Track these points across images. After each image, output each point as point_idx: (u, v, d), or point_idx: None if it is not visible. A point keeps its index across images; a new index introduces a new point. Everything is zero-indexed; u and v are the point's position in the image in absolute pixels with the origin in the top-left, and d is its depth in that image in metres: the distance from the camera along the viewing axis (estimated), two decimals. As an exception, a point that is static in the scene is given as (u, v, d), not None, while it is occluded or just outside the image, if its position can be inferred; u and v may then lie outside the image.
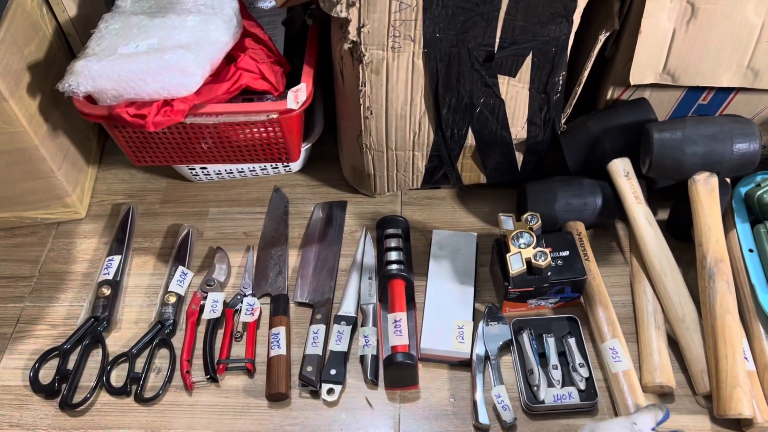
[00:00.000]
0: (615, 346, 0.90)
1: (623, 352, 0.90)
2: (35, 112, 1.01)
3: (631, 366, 0.88)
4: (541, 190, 1.03)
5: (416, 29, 0.88)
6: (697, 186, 0.94)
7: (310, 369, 0.91)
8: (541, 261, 0.89)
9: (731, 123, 0.93)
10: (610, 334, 0.91)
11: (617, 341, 0.90)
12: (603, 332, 0.92)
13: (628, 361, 0.89)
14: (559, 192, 1.02)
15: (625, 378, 0.87)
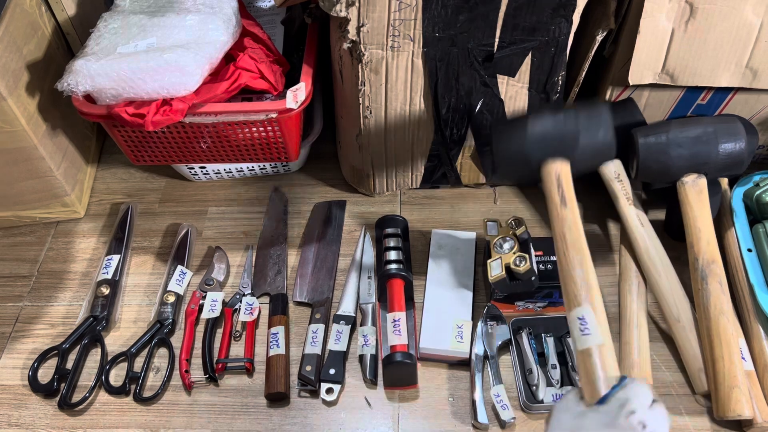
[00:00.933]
0: (585, 315, 0.70)
1: (595, 323, 0.69)
2: (34, 111, 1.01)
3: (605, 340, 0.69)
4: (509, 122, 0.86)
5: (416, 29, 0.88)
6: (685, 188, 0.94)
7: (309, 368, 0.91)
8: (521, 266, 0.89)
9: (716, 124, 0.94)
10: (582, 298, 0.71)
11: (589, 309, 0.70)
12: (573, 295, 0.72)
13: (600, 334, 0.69)
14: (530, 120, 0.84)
15: (598, 354, 0.68)
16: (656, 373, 0.91)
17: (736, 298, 0.93)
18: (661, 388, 0.90)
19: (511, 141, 0.84)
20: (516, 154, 0.84)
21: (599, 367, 0.67)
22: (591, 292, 0.71)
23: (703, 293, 0.88)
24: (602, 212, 1.10)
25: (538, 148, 0.82)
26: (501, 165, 0.86)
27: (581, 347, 0.68)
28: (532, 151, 0.82)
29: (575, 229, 0.77)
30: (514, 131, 0.84)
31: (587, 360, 0.68)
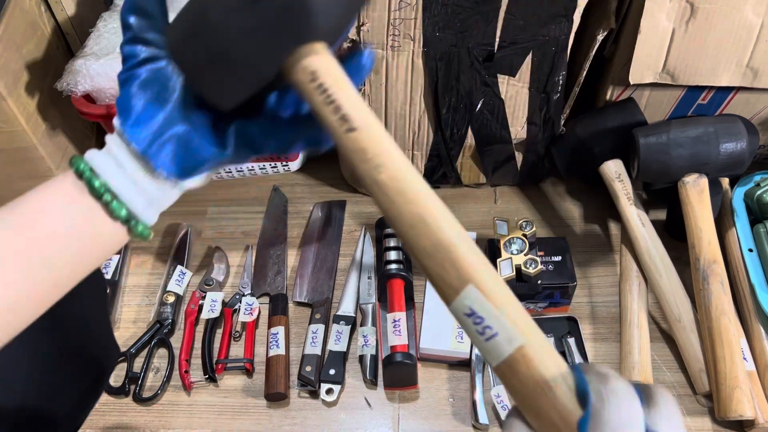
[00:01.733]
0: (472, 302, 0.39)
1: (490, 309, 0.39)
2: (33, 111, 1.00)
3: (528, 337, 0.38)
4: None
5: (416, 28, 0.88)
6: (686, 188, 0.94)
7: (309, 369, 0.91)
8: (531, 269, 0.89)
9: (717, 123, 0.93)
10: (461, 277, 0.41)
11: (474, 291, 0.39)
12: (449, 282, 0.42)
13: (512, 328, 0.40)
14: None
15: (526, 363, 0.38)
16: (657, 374, 0.91)
17: (737, 298, 0.92)
18: (661, 389, 0.90)
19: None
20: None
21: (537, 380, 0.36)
22: (471, 267, 0.39)
23: (704, 293, 0.88)
24: (603, 212, 1.10)
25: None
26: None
27: (496, 361, 0.37)
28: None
29: None
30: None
31: (512, 380, 0.37)
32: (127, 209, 0.46)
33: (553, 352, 0.37)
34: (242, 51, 0.43)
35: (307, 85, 0.42)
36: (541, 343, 0.37)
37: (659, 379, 0.90)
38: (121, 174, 0.46)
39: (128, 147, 0.45)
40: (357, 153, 0.42)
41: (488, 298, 0.37)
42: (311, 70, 0.42)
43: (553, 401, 0.34)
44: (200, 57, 0.44)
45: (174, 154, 0.46)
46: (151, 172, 0.46)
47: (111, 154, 0.46)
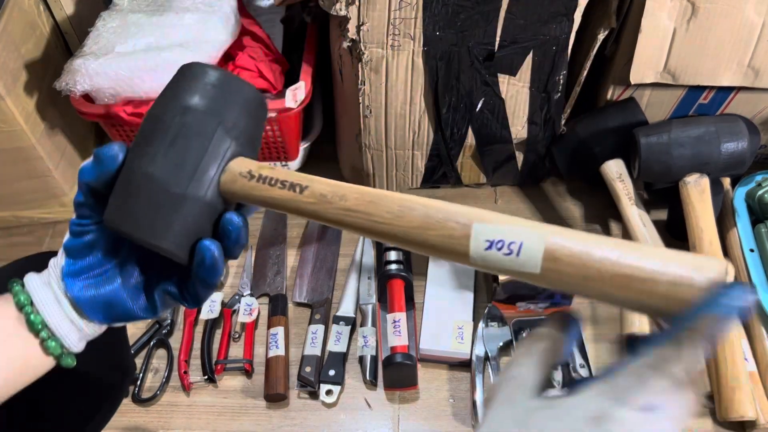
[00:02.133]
0: (489, 232, 0.40)
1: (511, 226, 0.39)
2: (32, 110, 1.00)
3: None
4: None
5: (416, 27, 0.87)
6: (687, 188, 0.94)
7: (309, 369, 0.91)
8: None
9: (718, 123, 0.93)
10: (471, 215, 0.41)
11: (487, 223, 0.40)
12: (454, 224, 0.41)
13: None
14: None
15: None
16: (658, 374, 0.90)
17: (738, 298, 0.92)
18: (662, 389, 0.89)
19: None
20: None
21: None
22: (463, 211, 0.40)
23: (705, 294, 0.88)
24: (604, 212, 1.09)
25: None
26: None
27: (537, 266, 0.37)
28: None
29: None
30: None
31: (560, 272, 0.36)
32: (61, 346, 0.49)
33: (576, 231, 0.37)
34: (188, 206, 0.46)
35: (249, 184, 0.46)
36: (560, 228, 0.37)
37: (660, 379, 0.90)
38: (58, 310, 0.48)
39: (65, 290, 0.48)
40: (320, 203, 0.45)
41: (494, 222, 0.38)
42: (245, 172, 0.47)
43: (609, 258, 0.34)
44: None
45: (105, 311, 0.49)
46: (82, 315, 0.49)
47: (51, 288, 0.49)
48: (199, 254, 0.46)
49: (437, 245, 0.40)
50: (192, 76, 0.48)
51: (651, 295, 0.33)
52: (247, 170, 0.47)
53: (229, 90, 0.48)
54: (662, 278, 0.33)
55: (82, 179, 0.48)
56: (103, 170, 0.47)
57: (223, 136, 0.47)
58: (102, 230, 0.49)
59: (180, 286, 0.50)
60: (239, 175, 0.46)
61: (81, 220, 0.49)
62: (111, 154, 0.47)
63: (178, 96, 0.48)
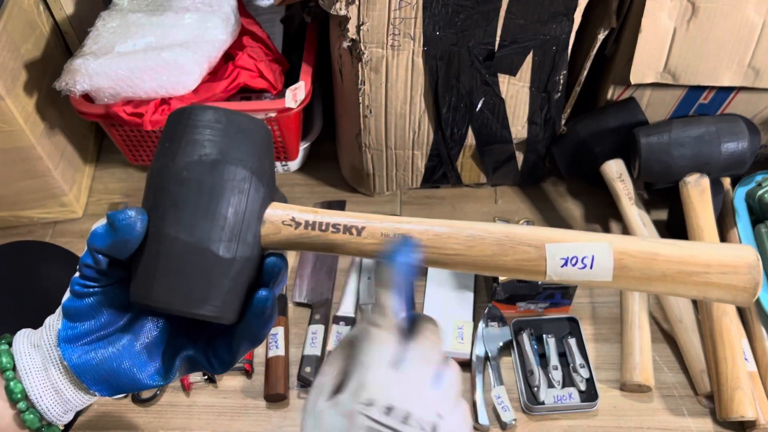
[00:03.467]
0: (562, 250, 0.45)
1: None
2: (32, 110, 1.00)
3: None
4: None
5: (416, 27, 0.87)
6: (688, 188, 0.94)
7: (309, 370, 0.91)
8: None
9: (718, 123, 0.93)
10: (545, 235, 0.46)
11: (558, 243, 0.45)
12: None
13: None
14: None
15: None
16: (658, 374, 0.90)
17: (738, 298, 0.92)
18: (663, 389, 0.89)
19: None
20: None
21: None
22: (534, 234, 0.44)
23: (705, 294, 0.88)
24: (604, 212, 1.09)
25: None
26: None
27: (609, 275, 0.41)
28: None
29: None
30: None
31: (630, 276, 0.41)
32: (40, 419, 0.44)
33: (633, 238, 0.41)
34: (238, 268, 0.43)
35: (298, 233, 0.44)
36: (620, 238, 0.41)
37: (660, 379, 0.90)
38: (43, 380, 0.44)
39: (60, 357, 0.43)
40: (381, 242, 0.44)
41: (564, 240, 0.41)
42: (288, 219, 0.44)
43: (668, 259, 0.40)
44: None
45: (108, 381, 0.44)
46: (77, 384, 0.44)
47: (41, 352, 0.44)
48: (258, 308, 0.43)
49: (514, 268, 0.43)
50: (197, 122, 0.44)
51: (708, 286, 0.39)
52: (290, 217, 0.44)
53: (244, 132, 0.45)
54: (713, 270, 0.39)
55: (94, 245, 0.43)
56: (120, 239, 0.42)
57: (258, 186, 0.44)
58: (110, 294, 0.45)
59: (206, 349, 0.46)
60: (282, 223, 0.44)
61: (87, 282, 0.44)
62: (129, 222, 0.42)
63: (195, 148, 0.43)
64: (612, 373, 0.91)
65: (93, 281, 0.44)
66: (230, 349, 0.45)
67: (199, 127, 0.44)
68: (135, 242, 0.42)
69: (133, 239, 0.42)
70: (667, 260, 0.40)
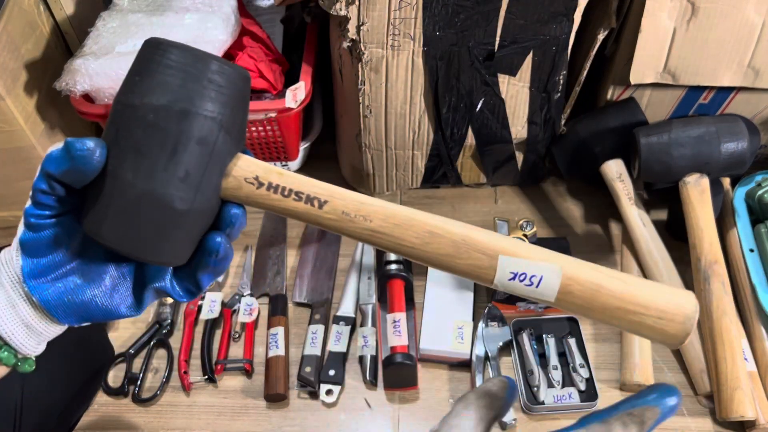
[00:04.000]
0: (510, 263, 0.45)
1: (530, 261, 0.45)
2: (32, 110, 1.00)
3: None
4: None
5: (416, 27, 0.87)
6: (687, 188, 0.94)
7: (309, 369, 0.91)
8: None
9: (718, 123, 0.93)
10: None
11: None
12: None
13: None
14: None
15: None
16: (658, 374, 0.90)
17: (738, 298, 0.92)
18: (662, 389, 0.89)
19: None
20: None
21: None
22: (491, 243, 0.44)
23: (705, 294, 0.88)
24: (604, 212, 1.09)
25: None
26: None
27: (553, 296, 0.43)
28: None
29: None
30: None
31: (572, 301, 0.42)
32: (16, 355, 0.44)
33: (585, 265, 0.42)
34: (192, 214, 0.43)
35: (257, 192, 0.43)
36: (573, 263, 0.42)
37: (660, 379, 0.90)
38: (12, 316, 0.43)
39: (26, 292, 0.42)
40: (342, 220, 0.44)
41: (518, 257, 0.42)
42: (252, 177, 0.43)
43: (611, 293, 0.41)
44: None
45: (80, 313, 0.44)
46: (48, 318, 0.43)
47: (4, 290, 0.43)
48: (211, 249, 0.43)
49: (464, 271, 0.44)
50: (172, 62, 0.41)
51: (641, 326, 0.41)
52: (254, 176, 0.43)
53: (219, 80, 0.42)
54: (650, 314, 0.40)
55: (48, 169, 0.41)
56: (75, 168, 0.40)
57: (225, 139, 0.43)
58: (66, 224, 0.43)
59: (172, 280, 0.46)
60: (245, 180, 0.43)
61: (40, 211, 0.42)
62: (85, 154, 0.40)
63: (165, 91, 0.41)
64: (612, 373, 0.91)
65: (47, 209, 0.42)
66: (195, 280, 0.45)
67: (173, 68, 0.41)
68: (90, 175, 0.41)
69: (88, 171, 0.40)
70: (609, 294, 0.41)
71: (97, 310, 0.44)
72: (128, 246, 0.42)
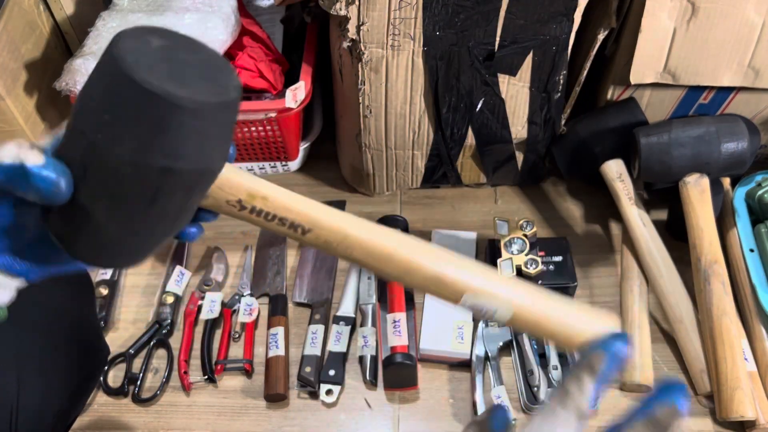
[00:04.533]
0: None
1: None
2: (32, 110, 1.00)
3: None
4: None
5: (416, 27, 0.87)
6: (687, 188, 0.94)
7: (309, 369, 0.91)
8: (531, 269, 0.89)
9: (718, 123, 0.93)
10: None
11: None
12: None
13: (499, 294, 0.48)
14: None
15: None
16: (658, 374, 0.90)
17: (738, 298, 0.92)
18: (663, 390, 0.89)
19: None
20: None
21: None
22: (460, 283, 0.47)
23: (705, 294, 0.88)
24: (604, 212, 1.09)
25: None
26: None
27: (506, 322, 0.47)
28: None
29: None
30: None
31: (523, 327, 0.47)
32: None
33: (541, 295, 0.47)
34: (160, 235, 0.41)
35: (239, 213, 0.43)
36: (525, 297, 0.46)
37: (660, 379, 0.90)
38: None
39: None
40: (324, 247, 0.46)
41: (480, 295, 0.46)
42: (234, 201, 0.42)
43: (556, 325, 0.46)
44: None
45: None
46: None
47: None
48: (188, 237, 0.45)
49: (430, 293, 0.48)
50: (147, 104, 0.34)
51: (571, 346, 0.46)
52: (236, 199, 0.42)
53: (205, 115, 0.36)
54: (581, 339, 0.45)
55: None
56: (33, 193, 0.35)
57: (211, 178, 0.40)
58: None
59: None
60: (226, 203, 0.42)
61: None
62: (51, 187, 0.35)
63: (143, 143, 0.35)
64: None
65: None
66: None
67: (141, 112, 0.34)
68: (52, 203, 0.37)
69: (49, 201, 0.36)
70: (551, 323, 0.46)
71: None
72: (89, 257, 0.41)
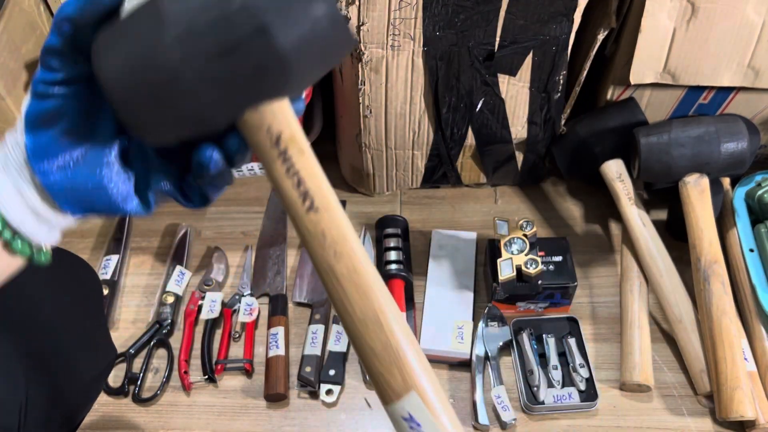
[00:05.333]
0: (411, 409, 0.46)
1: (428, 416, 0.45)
2: (32, 110, 1.00)
3: None
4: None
5: (416, 28, 0.87)
6: (687, 188, 0.94)
7: (309, 369, 0.91)
8: (531, 269, 0.89)
9: (718, 123, 0.93)
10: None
11: (415, 397, 0.45)
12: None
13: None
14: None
15: None
16: (658, 374, 0.90)
17: (738, 298, 0.92)
18: (663, 389, 0.89)
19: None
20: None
21: None
22: (416, 374, 0.41)
23: (705, 294, 0.88)
24: (604, 212, 1.09)
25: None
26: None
27: None
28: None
29: None
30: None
31: None
32: (30, 245, 0.42)
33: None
34: (199, 101, 0.36)
35: (268, 149, 0.38)
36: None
37: (660, 379, 0.90)
38: (20, 204, 0.40)
39: (31, 175, 0.40)
40: (315, 236, 0.39)
41: (428, 407, 0.40)
42: (275, 132, 0.38)
43: None
44: (144, 96, 0.37)
45: (84, 203, 0.41)
46: (53, 205, 0.41)
47: (10, 174, 0.40)
48: (201, 161, 0.40)
49: (371, 371, 0.40)
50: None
51: None
52: (278, 132, 0.37)
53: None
54: None
55: (66, 14, 0.37)
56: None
57: (280, 82, 0.37)
58: (74, 97, 0.39)
59: (182, 185, 0.43)
60: (266, 130, 0.38)
61: (51, 74, 0.39)
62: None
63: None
64: (612, 372, 0.91)
65: (58, 71, 0.39)
66: (198, 189, 0.43)
67: None
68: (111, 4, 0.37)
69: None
70: None
71: (101, 201, 0.41)
72: (125, 99, 0.37)
